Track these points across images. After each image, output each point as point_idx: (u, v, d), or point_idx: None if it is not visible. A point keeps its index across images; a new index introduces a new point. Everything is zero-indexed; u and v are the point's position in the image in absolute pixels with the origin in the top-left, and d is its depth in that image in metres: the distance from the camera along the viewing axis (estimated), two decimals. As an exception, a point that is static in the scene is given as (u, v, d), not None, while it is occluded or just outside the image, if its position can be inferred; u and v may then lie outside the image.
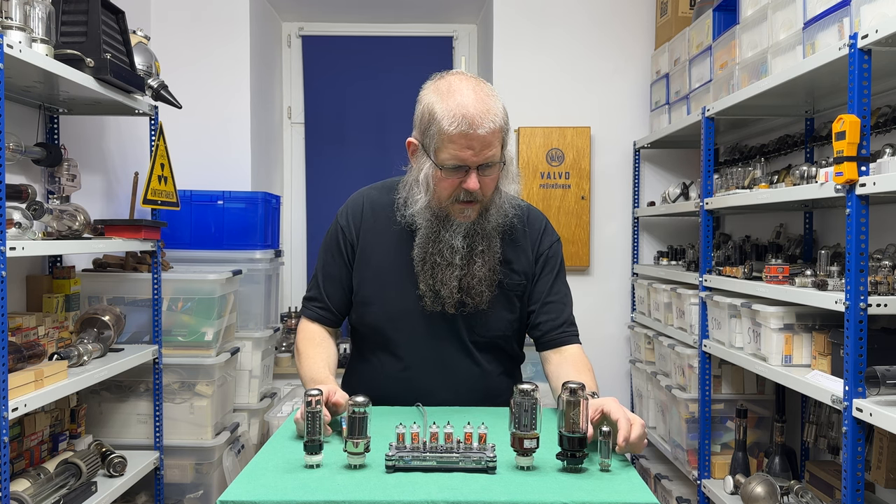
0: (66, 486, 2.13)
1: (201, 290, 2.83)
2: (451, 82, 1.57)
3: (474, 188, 1.55)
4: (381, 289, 1.70)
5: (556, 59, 3.71)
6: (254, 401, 3.31)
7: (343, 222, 1.74)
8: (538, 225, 1.77)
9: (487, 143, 1.53)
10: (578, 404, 1.26)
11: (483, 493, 1.17)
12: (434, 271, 1.63)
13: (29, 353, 1.99)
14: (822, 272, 2.04)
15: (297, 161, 4.32)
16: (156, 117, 2.70)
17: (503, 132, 1.57)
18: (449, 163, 1.55)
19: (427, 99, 1.58)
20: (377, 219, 1.72)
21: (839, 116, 1.72)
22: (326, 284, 1.76)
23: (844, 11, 1.88)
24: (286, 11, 4.14)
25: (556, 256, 1.78)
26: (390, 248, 1.70)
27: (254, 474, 1.26)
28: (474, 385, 1.71)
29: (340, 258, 1.74)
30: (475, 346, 1.70)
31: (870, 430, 2.03)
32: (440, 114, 1.53)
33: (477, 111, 1.51)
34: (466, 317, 1.68)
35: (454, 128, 1.51)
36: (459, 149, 1.53)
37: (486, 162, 1.55)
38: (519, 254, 1.72)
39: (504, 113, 1.58)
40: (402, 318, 1.69)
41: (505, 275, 1.69)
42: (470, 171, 1.55)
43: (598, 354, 3.72)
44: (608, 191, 3.72)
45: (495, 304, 1.69)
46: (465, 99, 1.52)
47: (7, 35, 1.81)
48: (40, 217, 2.09)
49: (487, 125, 1.51)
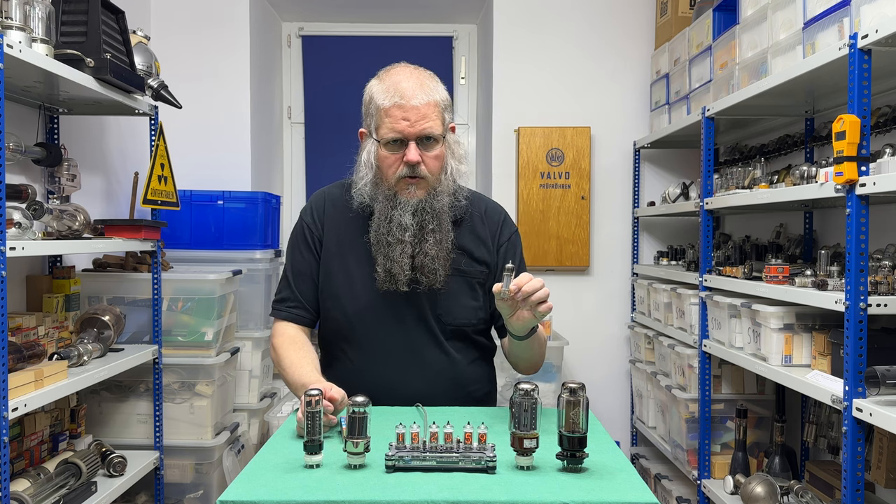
0: (66, 486, 2.13)
1: (201, 290, 2.83)
2: (392, 68, 1.71)
3: (415, 160, 1.63)
4: (347, 279, 1.74)
5: (557, 59, 3.71)
6: (254, 401, 3.31)
7: (308, 219, 1.80)
8: (497, 217, 1.83)
9: (423, 115, 1.62)
10: (578, 404, 1.26)
11: (483, 493, 1.17)
12: (387, 250, 1.68)
13: (29, 353, 1.99)
14: (822, 272, 2.04)
15: (297, 161, 4.32)
16: (156, 117, 2.70)
17: (441, 108, 1.67)
18: (388, 136, 1.63)
19: (369, 86, 1.71)
20: (338, 212, 1.78)
21: (839, 116, 1.72)
22: (298, 283, 1.79)
23: (844, 11, 1.88)
24: (286, 11, 4.14)
25: (517, 247, 1.84)
26: (352, 238, 1.75)
27: (254, 474, 1.26)
28: (445, 374, 1.74)
29: (310, 253, 1.78)
30: (443, 334, 1.74)
31: (870, 430, 2.03)
32: (377, 92, 1.66)
33: (410, 85, 1.63)
34: (432, 304, 1.72)
35: (389, 101, 1.63)
36: (395, 121, 1.62)
37: (424, 134, 1.63)
38: (479, 244, 1.78)
39: (445, 93, 1.69)
40: (368, 307, 1.72)
41: (465, 263, 1.74)
42: (409, 143, 1.63)
43: (598, 354, 3.73)
44: (608, 191, 3.72)
45: (458, 291, 1.73)
46: (399, 77, 1.66)
47: (7, 35, 1.81)
48: (40, 217, 2.09)
49: (421, 97, 1.62)
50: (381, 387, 1.64)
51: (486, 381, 1.85)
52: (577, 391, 1.27)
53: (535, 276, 1.52)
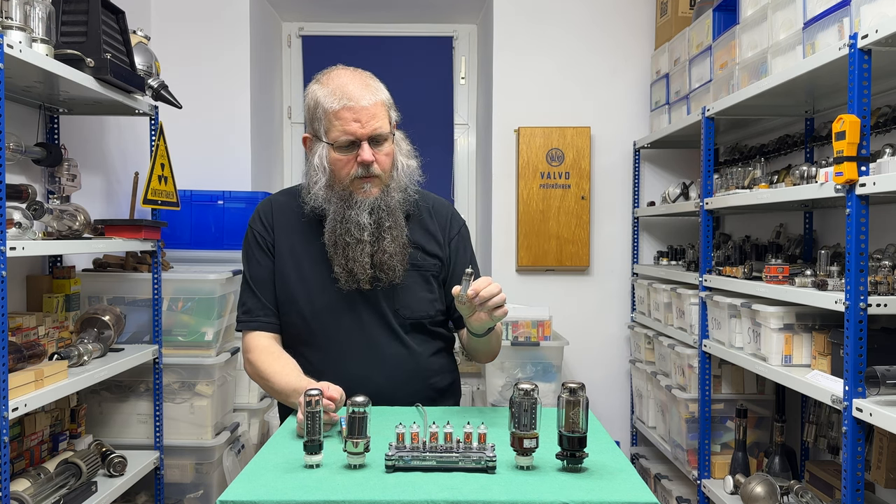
0: (66, 486, 2.13)
1: (201, 289, 2.83)
2: (331, 72, 1.73)
3: (369, 159, 1.65)
4: (302, 282, 1.76)
5: (557, 58, 3.71)
6: (254, 401, 3.31)
7: (258, 227, 1.81)
8: (445, 212, 1.87)
9: (372, 115, 1.65)
10: (578, 404, 1.27)
11: (483, 493, 1.17)
12: (346, 251, 1.70)
13: (29, 353, 1.99)
14: (822, 272, 2.04)
15: (297, 161, 4.32)
16: (156, 117, 2.70)
17: (387, 107, 1.70)
18: (341, 139, 1.65)
19: (311, 90, 1.72)
20: (287, 218, 1.80)
21: (839, 116, 1.72)
22: (262, 290, 1.79)
23: (844, 11, 1.88)
24: (286, 11, 4.14)
25: (466, 239, 1.88)
26: (304, 242, 1.77)
27: (254, 474, 1.26)
28: (405, 367, 1.75)
29: (266, 258, 1.79)
30: (402, 327, 1.76)
31: (870, 430, 2.03)
32: (323, 97, 1.67)
33: (356, 87, 1.66)
34: (389, 299, 1.74)
35: (337, 103, 1.64)
36: (346, 123, 1.64)
37: (375, 134, 1.66)
38: (429, 238, 1.81)
39: (386, 92, 1.72)
40: (326, 309, 1.74)
41: (419, 257, 1.77)
42: (362, 144, 1.65)
43: (598, 354, 3.73)
44: (608, 191, 3.72)
45: (413, 285, 1.75)
46: (343, 80, 1.68)
47: (7, 35, 1.81)
48: (40, 217, 2.09)
49: (369, 97, 1.65)
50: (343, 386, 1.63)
51: (448, 372, 1.87)
52: (577, 391, 1.27)
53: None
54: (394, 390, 1.70)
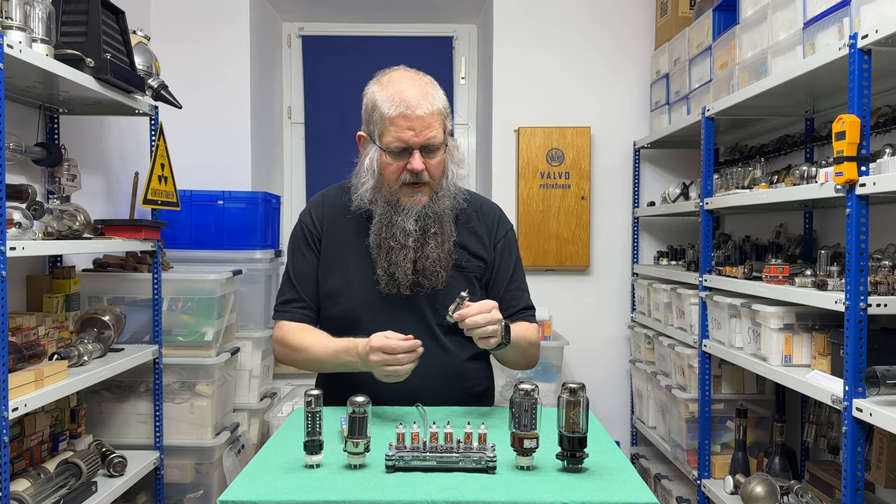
0: (66, 486, 2.13)
1: (201, 290, 2.83)
2: (392, 74, 1.71)
3: (419, 168, 1.65)
4: (346, 279, 1.76)
5: (557, 58, 3.71)
6: (254, 401, 3.31)
7: (307, 220, 1.83)
8: (492, 214, 1.87)
9: (427, 125, 1.64)
10: (578, 404, 1.27)
11: (483, 493, 1.17)
12: (389, 255, 1.70)
13: (29, 353, 1.99)
14: (822, 272, 2.04)
15: (297, 161, 4.32)
16: (156, 117, 2.70)
17: (443, 116, 1.69)
18: (393, 145, 1.65)
19: (370, 91, 1.71)
20: (336, 214, 1.80)
21: (839, 116, 1.72)
22: (302, 284, 1.80)
23: (844, 11, 1.88)
24: (286, 11, 4.14)
25: (512, 243, 1.87)
26: (350, 240, 1.77)
27: (254, 474, 1.26)
28: (443, 369, 1.74)
29: (312, 254, 1.80)
30: (441, 329, 1.75)
31: (870, 430, 2.03)
32: (381, 100, 1.66)
33: (414, 94, 1.64)
34: (430, 300, 1.73)
35: (394, 110, 1.63)
36: (400, 130, 1.64)
37: (428, 143, 1.66)
38: (475, 241, 1.80)
39: (444, 100, 1.71)
40: (367, 306, 1.74)
41: (464, 258, 1.77)
42: (413, 152, 1.65)
43: (598, 354, 3.73)
44: (608, 191, 3.72)
45: (456, 287, 1.73)
46: (403, 85, 1.66)
47: (7, 35, 1.81)
48: (40, 217, 2.09)
49: (426, 106, 1.64)
50: (378, 384, 1.64)
51: (484, 378, 1.86)
52: (577, 391, 1.27)
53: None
54: (428, 392, 1.69)
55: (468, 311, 1.54)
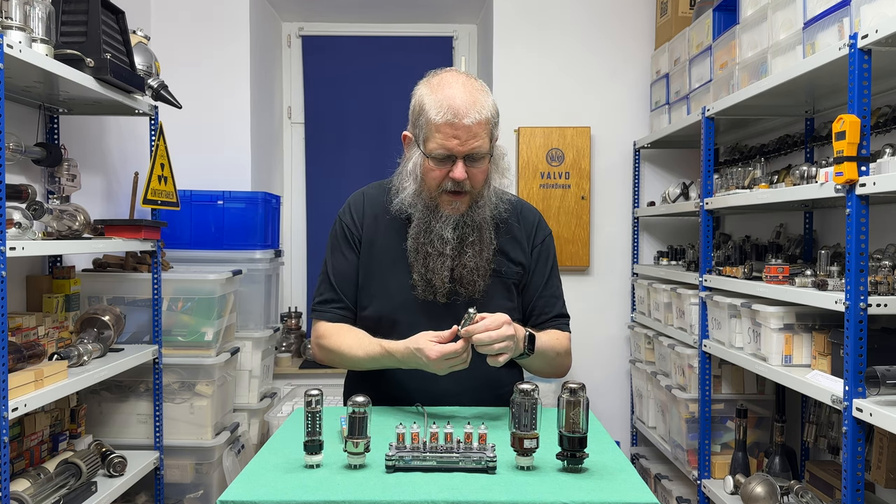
0: (66, 486, 2.13)
1: (201, 290, 2.83)
2: (443, 77, 1.65)
3: (461, 177, 1.61)
4: (383, 280, 1.74)
5: (557, 59, 3.71)
6: (254, 401, 3.31)
7: (347, 220, 1.79)
8: (532, 218, 1.83)
9: (474, 134, 1.60)
10: (578, 404, 1.27)
11: (483, 493, 1.17)
12: (426, 261, 1.68)
13: (29, 353, 1.99)
14: (822, 272, 2.04)
15: (297, 161, 4.32)
16: (156, 117, 2.70)
17: (490, 125, 1.64)
18: (437, 152, 1.61)
19: (419, 92, 1.66)
20: (376, 214, 1.77)
21: (839, 116, 1.72)
22: (341, 284, 1.77)
23: (844, 11, 1.88)
24: (286, 11, 4.14)
25: (549, 249, 1.84)
26: (389, 241, 1.75)
27: (254, 474, 1.26)
28: (475, 373, 1.71)
29: (352, 253, 1.77)
30: None
31: (870, 430, 2.03)
32: (429, 105, 1.61)
33: (463, 102, 1.59)
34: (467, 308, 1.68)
35: (441, 117, 1.58)
36: (446, 138, 1.59)
37: (473, 153, 1.62)
38: (514, 245, 1.77)
39: (493, 107, 1.65)
40: (403, 308, 1.71)
41: (503, 264, 1.74)
42: (457, 160, 1.61)
43: (598, 354, 3.73)
44: (608, 191, 3.72)
45: (493, 293, 1.72)
46: (453, 91, 1.60)
47: (7, 35, 1.81)
48: (40, 217, 2.09)
49: (473, 115, 1.58)
50: (411, 385, 1.64)
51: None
52: (577, 391, 1.27)
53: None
54: (460, 396, 1.69)
55: (475, 328, 1.50)
